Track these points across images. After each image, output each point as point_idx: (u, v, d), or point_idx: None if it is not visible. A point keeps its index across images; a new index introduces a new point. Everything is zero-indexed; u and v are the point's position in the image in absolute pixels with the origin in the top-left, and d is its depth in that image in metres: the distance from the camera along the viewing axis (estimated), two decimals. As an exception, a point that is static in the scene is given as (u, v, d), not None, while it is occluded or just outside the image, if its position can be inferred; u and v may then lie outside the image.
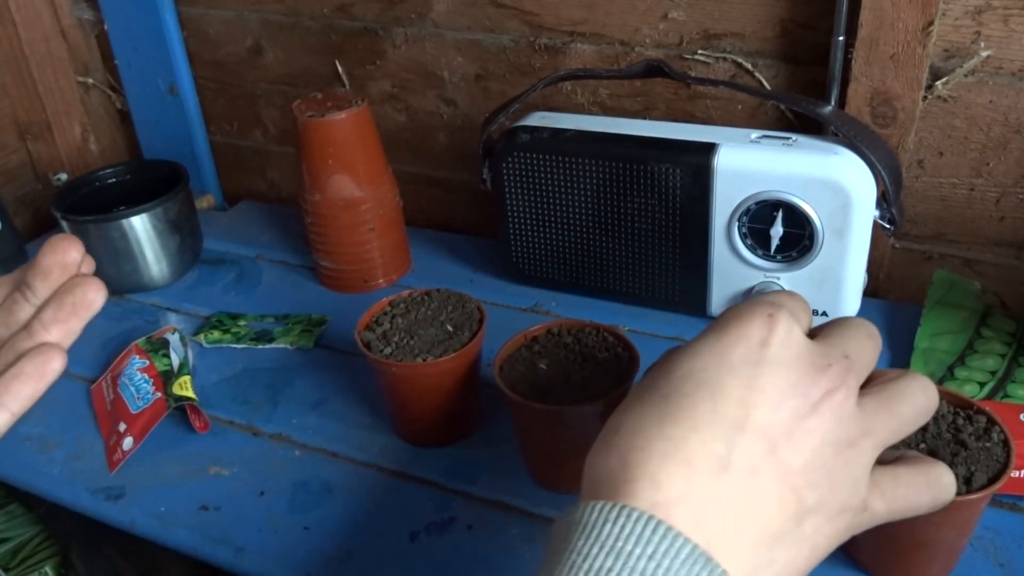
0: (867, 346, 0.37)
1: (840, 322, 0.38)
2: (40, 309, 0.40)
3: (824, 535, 0.33)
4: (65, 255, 0.41)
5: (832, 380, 0.34)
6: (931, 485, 0.37)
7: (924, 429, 0.52)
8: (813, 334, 0.37)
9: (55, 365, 0.39)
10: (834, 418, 0.33)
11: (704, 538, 0.30)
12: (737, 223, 0.71)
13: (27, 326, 0.40)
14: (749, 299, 0.36)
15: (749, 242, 0.72)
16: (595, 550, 0.29)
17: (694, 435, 0.32)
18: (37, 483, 0.69)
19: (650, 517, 0.29)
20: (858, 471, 0.34)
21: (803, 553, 0.32)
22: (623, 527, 0.30)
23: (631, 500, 0.31)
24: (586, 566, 0.29)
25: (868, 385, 0.37)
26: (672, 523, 0.30)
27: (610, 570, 0.29)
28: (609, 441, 0.34)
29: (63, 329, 0.40)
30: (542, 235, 0.81)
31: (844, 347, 0.36)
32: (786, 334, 0.34)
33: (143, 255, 0.89)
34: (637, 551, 0.29)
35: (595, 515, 0.30)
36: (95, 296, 0.40)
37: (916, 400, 0.37)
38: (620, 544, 0.29)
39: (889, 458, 0.38)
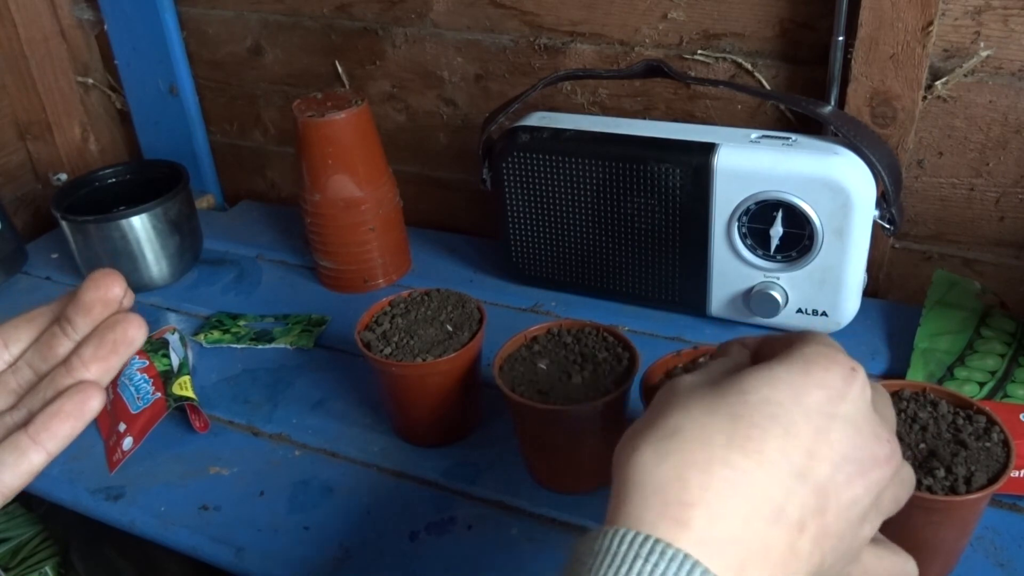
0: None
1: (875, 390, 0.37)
2: (80, 345, 0.40)
3: None
4: (108, 291, 0.40)
5: (888, 456, 0.34)
6: None
7: (924, 429, 0.52)
8: None
9: (93, 404, 0.38)
10: (876, 493, 0.33)
11: None
12: (737, 223, 0.71)
13: (66, 361, 0.39)
14: (823, 341, 0.36)
15: (749, 242, 0.72)
16: None
17: (759, 472, 0.30)
18: (37, 483, 0.67)
19: (685, 557, 0.27)
20: (862, 545, 0.34)
21: None
22: (656, 565, 0.27)
23: (682, 530, 0.29)
24: None
25: None
26: (718, 566, 0.28)
27: None
28: (664, 442, 0.31)
29: (102, 367, 0.39)
30: (542, 235, 0.81)
31: (891, 419, 0.36)
32: (861, 393, 0.34)
33: (143, 255, 0.89)
34: None
35: (624, 547, 0.28)
36: (136, 334, 0.40)
37: (911, 488, 0.37)
38: None
39: None
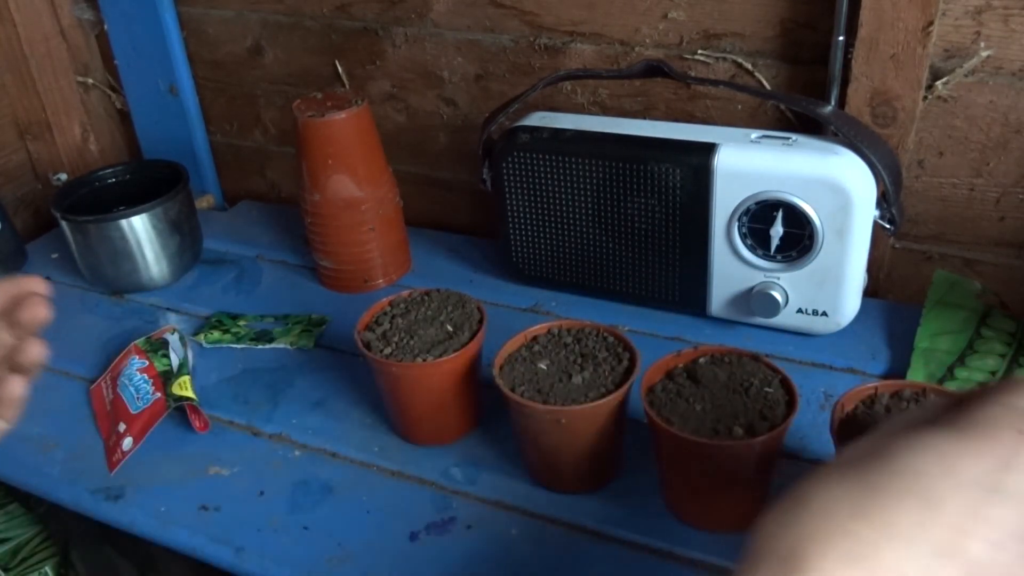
0: None
1: None
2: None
3: None
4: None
5: None
6: None
7: (924, 429, 0.52)
8: None
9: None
10: None
11: None
12: (737, 223, 0.71)
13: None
14: (1002, 400, 0.31)
15: (749, 242, 0.72)
16: None
17: (887, 545, 0.28)
18: (37, 483, 0.69)
19: None
20: None
21: None
22: None
23: None
24: None
25: None
26: None
27: None
28: (791, 512, 0.30)
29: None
30: (542, 235, 0.81)
31: None
32: None
33: (143, 255, 0.89)
34: None
35: None
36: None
37: None
38: None
39: None
